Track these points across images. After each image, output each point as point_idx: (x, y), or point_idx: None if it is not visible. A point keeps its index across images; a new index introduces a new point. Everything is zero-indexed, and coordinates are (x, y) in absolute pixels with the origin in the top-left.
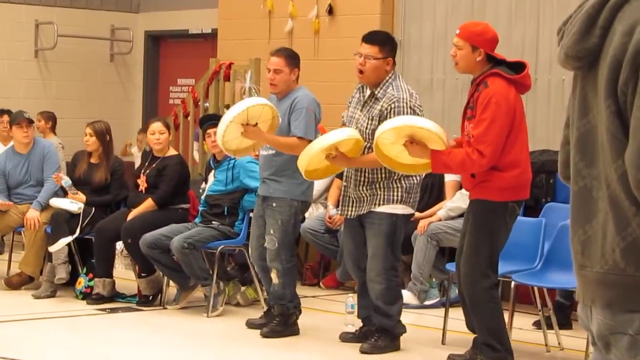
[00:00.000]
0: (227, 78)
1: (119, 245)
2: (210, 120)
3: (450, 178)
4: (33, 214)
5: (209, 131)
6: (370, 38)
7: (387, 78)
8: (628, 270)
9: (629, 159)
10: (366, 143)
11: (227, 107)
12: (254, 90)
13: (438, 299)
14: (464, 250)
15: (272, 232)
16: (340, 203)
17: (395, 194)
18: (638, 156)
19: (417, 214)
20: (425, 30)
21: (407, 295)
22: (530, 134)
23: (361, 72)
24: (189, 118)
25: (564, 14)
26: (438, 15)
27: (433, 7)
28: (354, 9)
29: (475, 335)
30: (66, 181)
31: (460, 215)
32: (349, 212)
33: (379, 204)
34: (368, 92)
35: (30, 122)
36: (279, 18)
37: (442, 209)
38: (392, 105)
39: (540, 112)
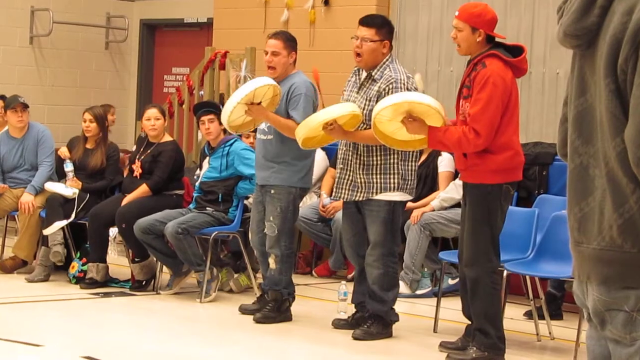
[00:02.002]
0: (222, 67)
1: (112, 231)
2: (204, 108)
3: (444, 169)
4: (27, 198)
5: (202, 118)
6: (367, 21)
7: (385, 60)
8: (625, 246)
9: (628, 136)
10: (363, 125)
11: (222, 96)
12: (249, 79)
13: (430, 288)
14: (465, 235)
15: (271, 218)
16: (335, 186)
17: (392, 181)
18: (638, 134)
19: (411, 204)
20: (420, 22)
21: (402, 286)
22: (523, 126)
23: (358, 55)
24: (183, 106)
25: None
26: (434, 7)
27: None
28: None
29: (468, 323)
30: (68, 164)
31: (454, 206)
32: (343, 195)
33: (376, 192)
34: (364, 74)
35: (25, 106)
36: (274, 8)
37: (436, 199)
38: (390, 86)
39: (534, 104)
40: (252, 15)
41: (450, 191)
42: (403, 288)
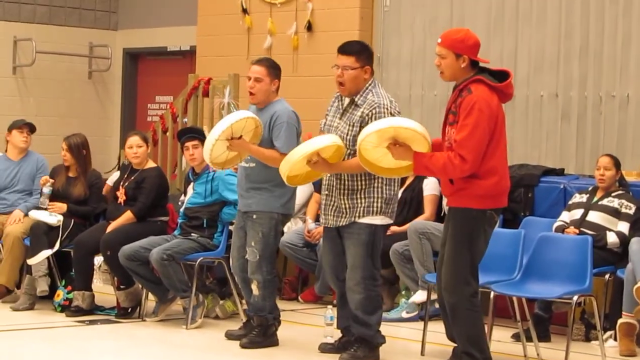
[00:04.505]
0: (205, 94)
1: (97, 260)
2: (188, 134)
3: (429, 192)
4: (18, 213)
5: (187, 144)
6: (345, 49)
7: (367, 85)
8: None
9: None
10: (347, 150)
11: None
12: (232, 106)
13: (417, 312)
14: (445, 258)
15: (253, 244)
16: (322, 212)
17: (375, 204)
18: None
19: (396, 228)
20: (403, 47)
21: (422, 294)
22: (508, 148)
23: (341, 84)
24: (167, 134)
25: (541, 30)
26: (416, 31)
27: (411, 24)
28: (332, 25)
29: (454, 346)
30: (48, 188)
31: None
32: (329, 222)
33: (359, 216)
34: (347, 100)
35: (32, 129)
36: (257, 34)
37: None
38: (373, 111)
39: (518, 127)
40: (235, 42)
41: None
42: (425, 295)
